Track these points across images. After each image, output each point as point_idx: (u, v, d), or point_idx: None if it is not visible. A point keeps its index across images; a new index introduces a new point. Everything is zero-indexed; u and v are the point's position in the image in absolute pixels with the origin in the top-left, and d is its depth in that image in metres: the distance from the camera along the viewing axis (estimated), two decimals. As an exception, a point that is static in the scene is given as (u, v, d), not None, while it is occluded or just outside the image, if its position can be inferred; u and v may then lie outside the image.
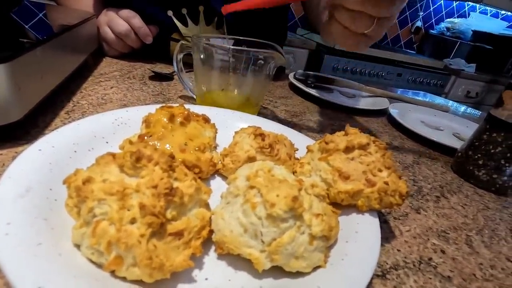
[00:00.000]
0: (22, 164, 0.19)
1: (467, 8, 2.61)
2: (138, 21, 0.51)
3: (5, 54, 0.24)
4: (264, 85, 0.40)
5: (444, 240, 0.27)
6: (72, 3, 0.59)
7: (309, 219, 0.17)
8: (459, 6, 2.60)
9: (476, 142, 0.38)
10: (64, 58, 0.38)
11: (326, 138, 0.26)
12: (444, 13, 2.63)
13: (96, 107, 0.37)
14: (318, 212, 0.18)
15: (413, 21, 2.62)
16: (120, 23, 0.51)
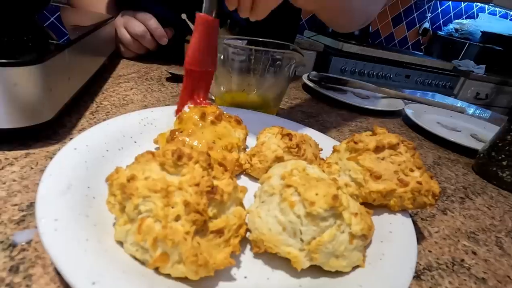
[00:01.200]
0: (60, 162, 0.20)
1: (476, 9, 2.59)
2: (154, 22, 0.52)
3: (37, 56, 0.24)
4: (283, 86, 0.40)
5: (474, 242, 0.26)
6: (86, 5, 0.60)
7: (349, 218, 0.17)
8: (468, 7, 2.58)
9: (500, 143, 0.38)
10: (87, 59, 0.38)
11: (355, 138, 0.25)
12: (452, 14, 2.61)
13: (119, 108, 0.37)
14: (356, 211, 0.18)
15: (421, 23, 2.60)
16: (137, 24, 0.52)
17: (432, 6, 2.55)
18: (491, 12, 2.59)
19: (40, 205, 0.16)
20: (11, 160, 0.24)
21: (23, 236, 0.17)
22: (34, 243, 0.17)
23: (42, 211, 0.15)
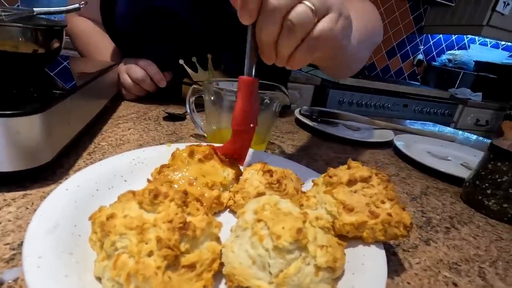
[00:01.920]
0: (51, 203, 0.21)
1: (467, 40, 2.70)
2: (154, 68, 0.57)
3: (40, 105, 0.27)
4: (270, 122, 0.43)
5: (456, 273, 0.26)
6: (93, 53, 0.66)
7: (314, 251, 0.18)
8: (459, 39, 2.69)
9: (482, 172, 0.39)
10: (89, 104, 0.42)
11: (330, 172, 0.27)
12: (445, 46, 2.72)
13: (115, 148, 0.39)
14: (322, 244, 0.19)
15: (415, 55, 2.71)
16: (138, 70, 0.57)
17: (424, 39, 2.67)
18: (482, 43, 2.69)
19: (27, 243, 0.17)
20: (9, 201, 0.26)
21: (11, 274, 0.19)
22: (20, 280, 0.18)
23: (27, 249, 0.17)
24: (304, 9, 0.24)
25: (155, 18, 0.55)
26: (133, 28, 0.57)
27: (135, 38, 0.58)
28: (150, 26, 0.56)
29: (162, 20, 0.56)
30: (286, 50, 0.26)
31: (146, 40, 0.58)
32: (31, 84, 0.35)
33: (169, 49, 0.59)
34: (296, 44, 0.26)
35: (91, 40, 0.66)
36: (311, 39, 0.26)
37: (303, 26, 0.25)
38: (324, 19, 0.26)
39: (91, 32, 0.67)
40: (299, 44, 0.26)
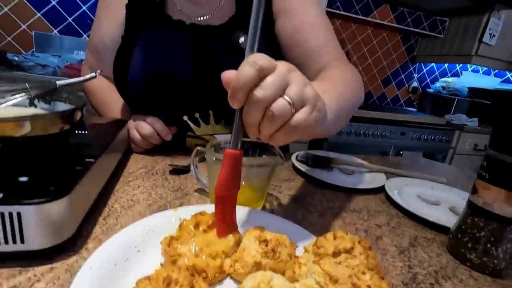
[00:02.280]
0: (78, 284, 0.25)
1: (459, 67, 2.80)
2: (160, 125, 0.63)
3: (65, 187, 0.32)
4: (265, 183, 0.46)
5: (435, 334, 0.29)
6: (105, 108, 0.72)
7: (301, 330, 0.22)
8: (451, 66, 2.80)
9: (463, 226, 0.42)
10: (104, 167, 0.46)
11: (318, 242, 0.31)
12: (438, 73, 2.82)
13: (127, 210, 0.44)
14: (309, 321, 0.23)
15: (409, 82, 2.80)
16: (146, 127, 0.62)
17: (417, 68, 2.78)
18: (474, 69, 2.79)
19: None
20: (39, 277, 0.29)
21: None
22: None
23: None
24: (284, 103, 0.29)
25: (162, 81, 0.62)
26: (143, 90, 0.63)
27: (144, 98, 0.64)
28: (157, 88, 0.63)
29: (168, 83, 0.62)
30: (268, 132, 0.31)
31: (154, 100, 0.64)
32: (57, 161, 0.39)
33: (174, 107, 0.65)
34: (276, 129, 0.31)
35: (103, 97, 0.73)
36: (289, 127, 0.31)
37: (282, 117, 0.30)
38: (300, 110, 0.31)
39: (104, 89, 0.74)
40: (278, 128, 0.31)
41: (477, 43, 2.17)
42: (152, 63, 0.62)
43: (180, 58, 0.62)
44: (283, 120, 0.30)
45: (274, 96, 0.29)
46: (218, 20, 0.66)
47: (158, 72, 0.61)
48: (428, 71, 2.77)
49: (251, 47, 0.31)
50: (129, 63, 0.62)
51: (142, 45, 0.62)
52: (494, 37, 2.13)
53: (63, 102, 0.52)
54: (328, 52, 0.66)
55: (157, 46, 0.62)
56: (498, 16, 2.10)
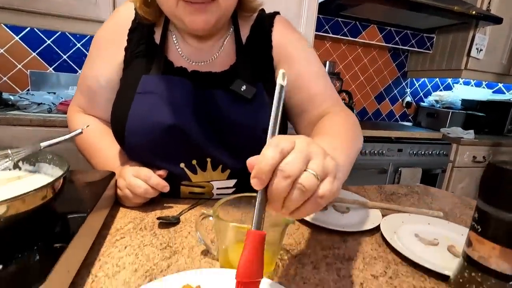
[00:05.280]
0: None
1: (450, 81, 2.84)
2: (155, 179, 0.60)
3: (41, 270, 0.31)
4: (278, 244, 0.44)
5: None
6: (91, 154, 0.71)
7: None
8: (442, 80, 2.84)
9: (461, 279, 0.40)
10: (88, 232, 0.45)
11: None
12: (430, 87, 2.85)
13: (111, 279, 0.42)
14: None
15: (403, 97, 2.83)
16: (139, 185, 0.59)
17: (409, 83, 2.81)
18: (465, 82, 2.82)
19: None
20: None
21: None
22: None
23: None
24: (310, 175, 0.32)
25: (161, 133, 0.60)
26: (140, 143, 0.61)
27: (142, 147, 0.63)
28: (156, 140, 0.61)
29: (167, 134, 0.61)
30: (295, 205, 0.33)
31: (152, 149, 0.63)
32: (34, 233, 0.38)
33: (172, 156, 0.64)
34: (302, 201, 0.32)
35: (93, 145, 0.72)
36: (316, 198, 0.32)
37: (311, 189, 0.32)
38: (324, 182, 0.33)
39: (94, 137, 0.72)
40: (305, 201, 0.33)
41: (465, 57, 2.21)
42: (152, 113, 0.60)
43: (182, 107, 0.62)
44: (311, 192, 0.32)
45: (300, 171, 0.31)
46: (219, 67, 0.67)
47: (158, 123, 0.60)
48: (420, 86, 2.80)
49: (272, 132, 0.34)
50: (128, 114, 0.61)
51: (142, 94, 0.62)
52: (482, 51, 2.17)
53: (47, 163, 0.52)
54: (328, 98, 0.70)
55: (158, 95, 0.61)
56: (484, 31, 2.15)
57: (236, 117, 0.63)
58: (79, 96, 0.75)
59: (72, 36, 1.87)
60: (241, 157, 0.67)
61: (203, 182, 0.68)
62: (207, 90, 0.63)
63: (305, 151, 0.32)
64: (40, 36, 1.81)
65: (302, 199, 0.32)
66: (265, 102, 0.66)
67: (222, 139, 0.64)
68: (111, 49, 0.69)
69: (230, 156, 0.66)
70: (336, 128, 0.60)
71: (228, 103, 0.63)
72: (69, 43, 1.87)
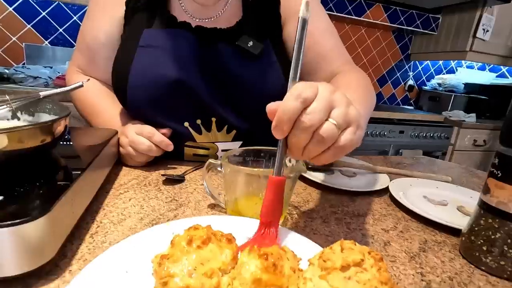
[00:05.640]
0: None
1: (454, 64, 2.80)
2: (158, 136, 0.58)
3: (44, 205, 0.29)
4: (288, 195, 0.43)
5: None
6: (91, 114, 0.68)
7: None
8: (446, 63, 2.80)
9: (476, 227, 0.39)
10: (90, 182, 0.43)
11: (324, 255, 0.28)
12: (433, 70, 2.82)
13: (117, 225, 0.41)
14: None
15: (405, 81, 2.80)
16: (142, 142, 0.57)
17: (412, 66, 2.77)
18: (469, 65, 2.79)
19: None
20: (14, 307, 0.26)
21: None
22: None
23: None
24: (331, 126, 0.31)
25: (164, 88, 0.58)
26: (144, 96, 0.59)
27: (145, 104, 0.60)
28: (160, 94, 0.59)
29: (171, 90, 0.58)
30: (314, 154, 0.32)
31: (155, 107, 0.60)
32: (38, 176, 0.36)
33: (176, 113, 0.62)
34: (323, 150, 0.32)
35: (93, 104, 0.69)
36: (336, 148, 0.32)
37: (330, 139, 0.31)
38: (346, 131, 0.32)
39: (94, 96, 0.69)
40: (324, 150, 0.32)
41: (471, 38, 2.17)
42: (156, 67, 0.58)
43: (186, 62, 0.59)
44: (331, 142, 0.31)
45: (321, 121, 0.30)
46: (225, 24, 0.64)
47: (162, 77, 0.57)
48: (423, 69, 2.77)
49: (293, 77, 0.33)
50: (130, 68, 0.58)
51: (144, 47, 0.59)
52: (488, 32, 2.13)
53: (47, 113, 0.50)
54: (338, 56, 0.67)
55: (161, 48, 0.59)
56: (491, 11, 2.10)
57: (242, 74, 0.61)
58: (78, 55, 0.72)
59: (68, 8, 1.81)
60: (247, 118, 0.65)
61: (208, 143, 0.66)
62: (213, 45, 0.61)
63: (328, 99, 0.31)
64: (35, 7, 1.75)
65: (321, 149, 0.32)
66: (273, 60, 0.63)
67: (228, 98, 0.62)
68: (111, 4, 0.65)
69: (236, 116, 0.64)
70: (352, 84, 0.58)
71: (234, 59, 0.60)
72: (65, 16, 1.81)
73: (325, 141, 0.31)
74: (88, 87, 0.71)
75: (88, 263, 0.29)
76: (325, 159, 0.33)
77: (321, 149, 0.32)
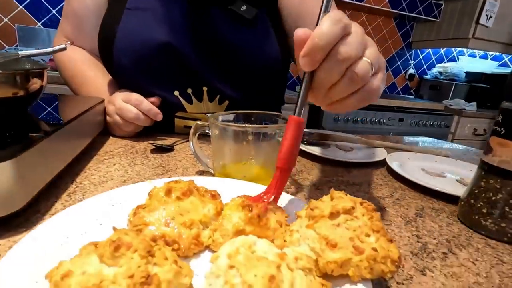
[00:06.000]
0: (12, 257, 0.20)
1: (455, 53, 2.76)
2: (146, 104, 0.55)
3: (10, 150, 0.27)
4: None
5: (454, 307, 0.24)
6: (78, 84, 0.66)
7: (290, 300, 0.17)
8: (447, 51, 2.76)
9: (476, 190, 0.37)
10: (70, 143, 0.41)
11: (311, 204, 0.26)
12: (434, 59, 2.78)
13: (97, 186, 0.38)
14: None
15: (406, 69, 2.76)
16: (130, 109, 0.54)
17: (413, 54, 2.73)
18: (471, 54, 2.75)
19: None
20: (-26, 255, 0.24)
21: None
22: None
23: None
24: (367, 64, 0.27)
25: (153, 52, 0.55)
26: (131, 61, 0.56)
27: (132, 70, 0.58)
28: (148, 59, 0.56)
29: (159, 54, 0.56)
30: (340, 95, 0.29)
31: (143, 73, 0.58)
32: (9, 127, 0.34)
33: (165, 82, 0.59)
34: (350, 93, 0.29)
35: (79, 72, 0.66)
36: (364, 92, 0.29)
37: (363, 79, 0.28)
38: (377, 77, 0.29)
39: (80, 64, 0.67)
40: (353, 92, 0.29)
41: (474, 25, 2.13)
42: (144, 29, 0.55)
43: (176, 26, 0.56)
44: (362, 83, 0.28)
45: (357, 56, 0.27)
46: None
47: (150, 40, 0.55)
48: (424, 58, 2.73)
49: (325, 9, 0.28)
50: (117, 30, 0.55)
51: (131, 10, 0.56)
52: (491, 19, 2.08)
53: (26, 73, 0.47)
54: None
55: (150, 11, 0.56)
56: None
57: (236, 40, 0.58)
58: (65, 23, 0.69)
59: (62, -10, 1.76)
60: (240, 87, 0.63)
61: (199, 113, 0.63)
62: (205, 10, 0.58)
63: (363, 36, 0.28)
64: (27, -12, 1.70)
65: (351, 90, 0.28)
66: (269, 28, 0.61)
67: (220, 65, 0.59)
68: None
69: (229, 86, 0.61)
70: None
71: (227, 25, 0.58)
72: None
73: (357, 81, 0.27)
74: (76, 57, 0.68)
75: (60, 211, 0.27)
76: (351, 104, 0.29)
77: (350, 90, 0.28)
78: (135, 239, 0.18)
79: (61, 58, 0.67)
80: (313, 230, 0.24)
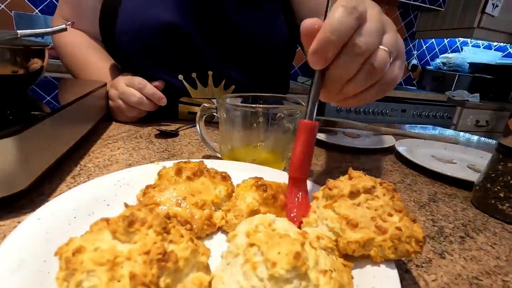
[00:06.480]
0: (18, 236, 0.19)
1: (459, 43, 2.72)
2: (150, 88, 0.53)
3: (14, 128, 0.25)
4: (288, 139, 0.40)
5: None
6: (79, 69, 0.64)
7: (316, 278, 0.16)
8: (451, 42, 2.72)
9: (492, 174, 0.36)
10: (73, 126, 0.40)
11: (329, 184, 0.25)
12: (438, 49, 2.74)
13: (102, 169, 0.37)
14: (325, 268, 0.17)
15: (409, 60, 2.72)
16: (133, 93, 0.53)
17: (417, 44, 2.69)
18: (475, 45, 2.71)
19: (-19, 288, 0.15)
20: (-22, 235, 0.23)
21: (-33, 323, 0.16)
22: (-23, 331, 0.16)
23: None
24: (385, 55, 0.24)
25: (156, 33, 0.53)
26: (133, 43, 0.54)
27: (134, 53, 0.56)
28: (150, 42, 0.54)
29: (163, 35, 0.54)
30: (356, 90, 0.26)
31: (146, 55, 0.56)
32: (10, 106, 0.33)
33: (169, 64, 0.57)
34: (368, 85, 0.26)
35: (79, 56, 0.64)
36: (382, 84, 0.26)
37: (381, 71, 0.25)
38: (395, 65, 0.26)
39: (81, 47, 0.65)
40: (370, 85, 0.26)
41: (479, 14, 2.09)
42: (146, 9, 0.53)
43: (180, 5, 0.54)
44: (381, 76, 0.25)
45: (375, 46, 0.24)
46: None
47: (153, 20, 0.52)
48: (428, 48, 2.69)
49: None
50: (118, 11, 0.53)
51: None
52: (497, 8, 2.05)
53: (26, 53, 0.45)
54: None
55: None
56: (501, -15, 2.01)
57: (243, 22, 0.56)
58: (63, 6, 0.67)
59: (59, -25, 1.71)
60: (247, 72, 0.61)
61: (204, 99, 0.62)
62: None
63: (380, 19, 0.24)
64: (23, -27, 1.65)
65: (367, 84, 0.25)
66: (278, 9, 0.58)
67: (226, 48, 0.58)
68: None
69: (235, 70, 0.60)
70: None
71: (234, 4, 0.55)
72: (56, -17, 1.72)
73: (375, 74, 0.25)
74: (76, 41, 0.66)
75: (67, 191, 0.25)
76: (367, 98, 0.27)
77: (367, 84, 0.25)
78: (149, 215, 0.17)
79: (62, 41, 0.65)
80: (331, 210, 0.23)
